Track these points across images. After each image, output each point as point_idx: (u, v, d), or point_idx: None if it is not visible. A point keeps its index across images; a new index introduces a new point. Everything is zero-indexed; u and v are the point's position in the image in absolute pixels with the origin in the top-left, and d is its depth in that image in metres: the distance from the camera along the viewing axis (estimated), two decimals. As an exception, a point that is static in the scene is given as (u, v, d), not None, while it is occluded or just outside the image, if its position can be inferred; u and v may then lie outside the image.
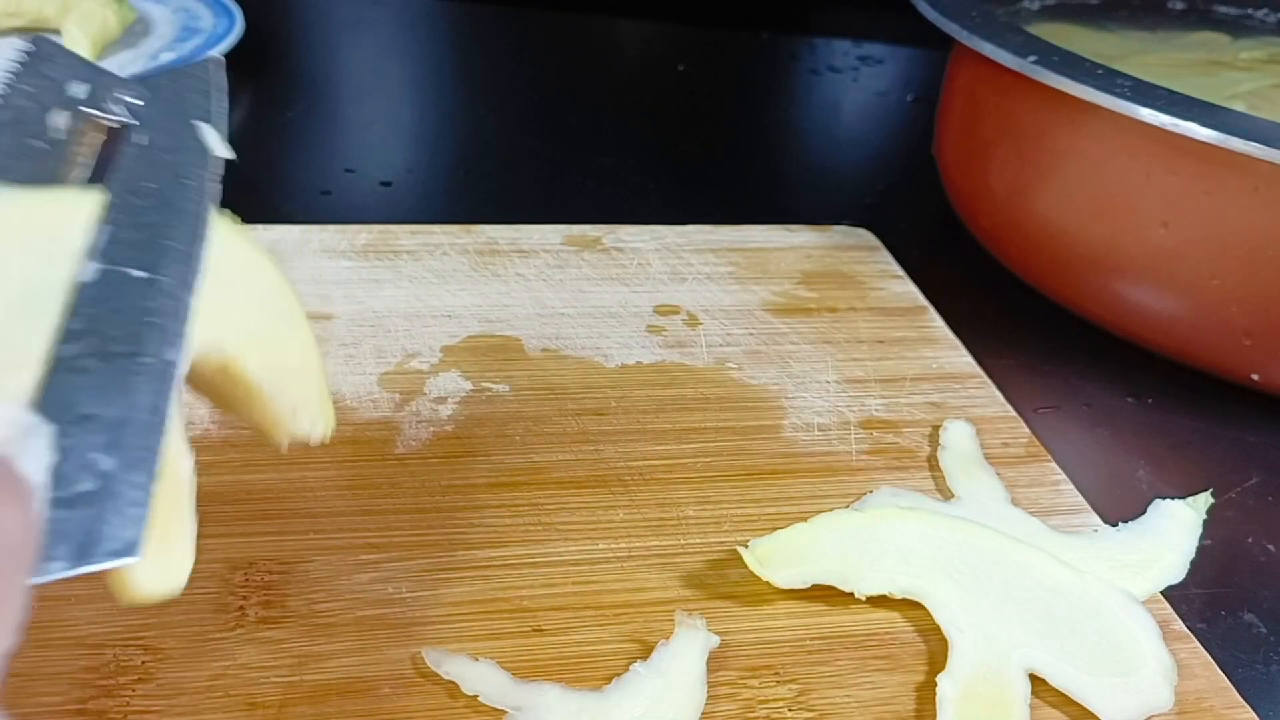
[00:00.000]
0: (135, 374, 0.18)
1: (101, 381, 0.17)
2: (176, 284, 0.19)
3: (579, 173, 0.61)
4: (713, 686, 0.27)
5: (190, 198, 0.21)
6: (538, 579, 0.30)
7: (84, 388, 0.17)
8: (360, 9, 0.86)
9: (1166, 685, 0.28)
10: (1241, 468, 0.41)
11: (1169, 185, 0.40)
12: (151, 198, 0.21)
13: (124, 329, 0.18)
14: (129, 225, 0.20)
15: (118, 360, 0.18)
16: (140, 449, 0.17)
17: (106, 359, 0.18)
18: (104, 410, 0.17)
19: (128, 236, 0.19)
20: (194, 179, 0.22)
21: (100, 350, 0.18)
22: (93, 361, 0.17)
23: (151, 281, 0.19)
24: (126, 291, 0.19)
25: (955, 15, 0.46)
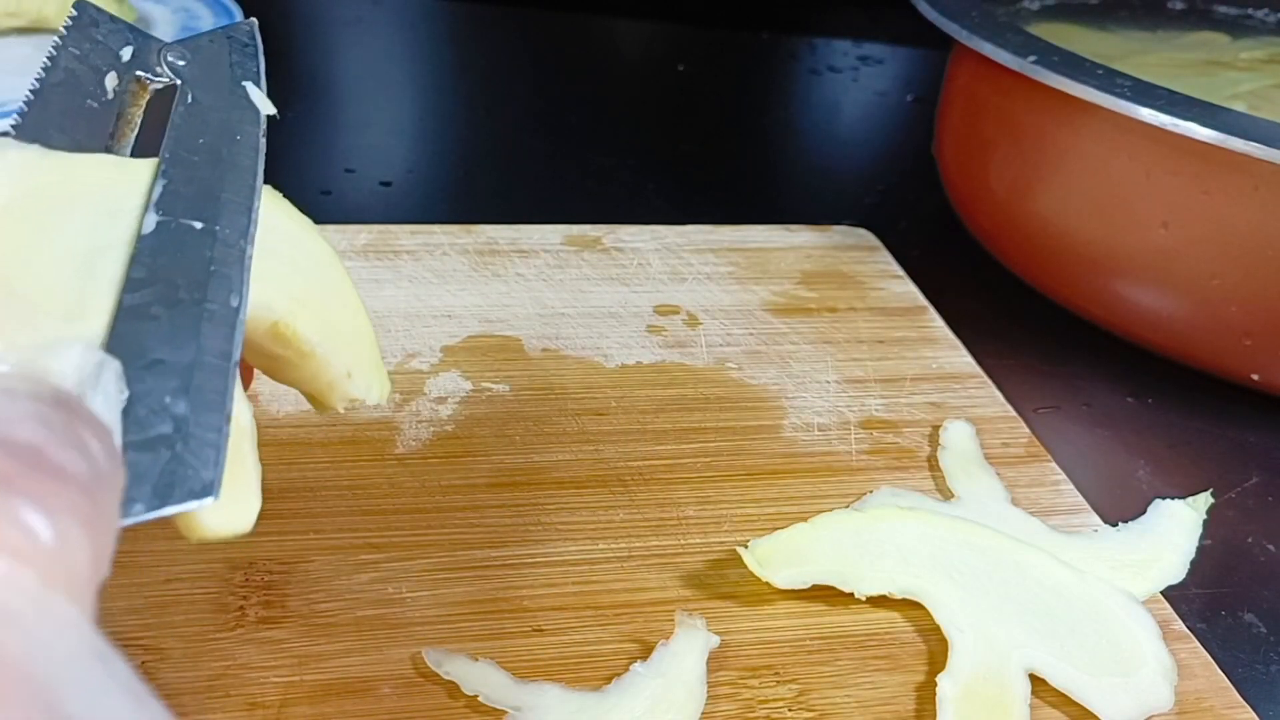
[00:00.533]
0: (201, 319, 0.18)
1: (169, 327, 0.18)
2: (234, 234, 0.20)
3: (579, 173, 0.61)
4: (713, 686, 0.27)
5: (241, 153, 0.22)
6: (538, 579, 0.30)
7: (152, 333, 0.17)
8: (360, 9, 0.86)
9: (1166, 685, 0.28)
10: (1241, 468, 0.41)
11: (1169, 185, 0.40)
12: (203, 153, 0.21)
13: (187, 277, 0.19)
14: (184, 179, 0.20)
15: (183, 306, 0.18)
16: (211, 392, 0.17)
17: (172, 305, 0.18)
18: (174, 355, 0.17)
19: (184, 190, 0.20)
20: (243, 135, 0.22)
21: (166, 297, 0.18)
22: (159, 308, 0.18)
23: (210, 232, 0.19)
24: (187, 241, 0.19)
25: (955, 15, 0.46)
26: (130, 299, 0.18)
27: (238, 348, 0.18)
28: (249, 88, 0.24)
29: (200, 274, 0.19)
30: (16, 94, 0.61)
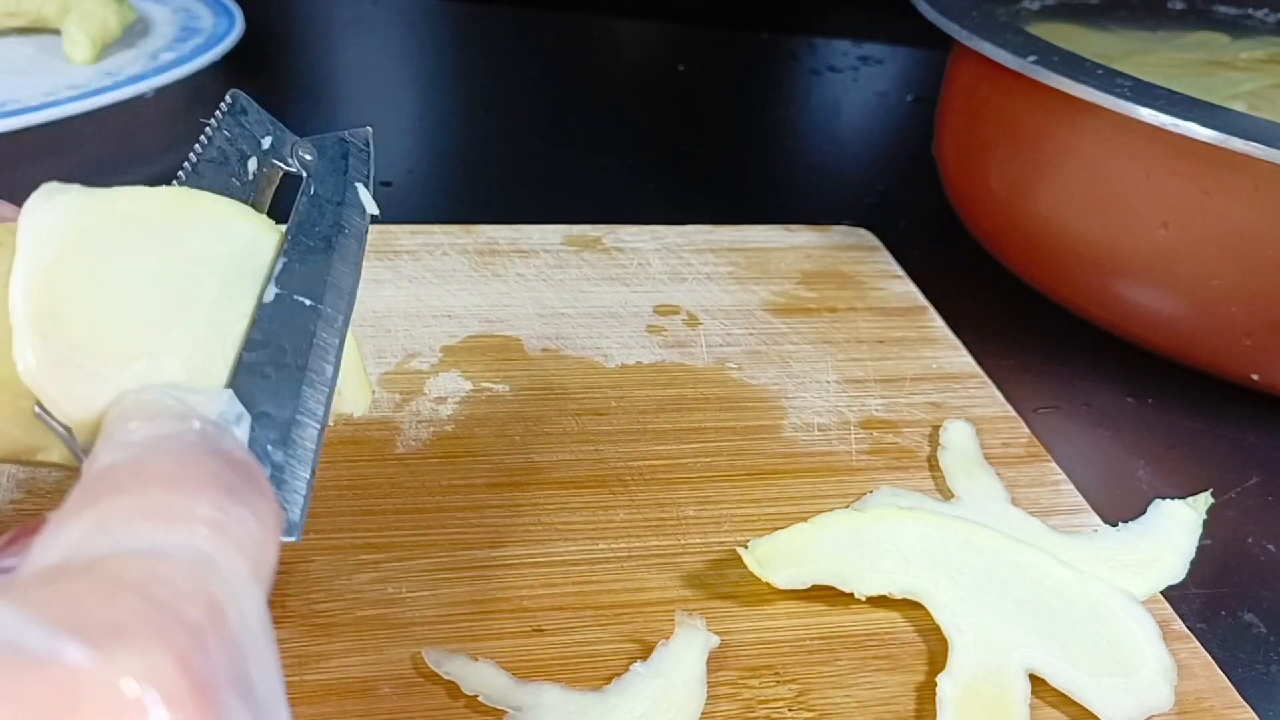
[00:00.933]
0: (302, 383, 0.21)
1: (276, 386, 0.21)
2: (335, 313, 0.23)
3: (579, 173, 0.61)
4: (713, 686, 0.27)
5: (347, 244, 0.25)
6: (538, 579, 0.30)
7: (263, 390, 0.20)
8: (360, 9, 0.86)
9: (1166, 685, 0.28)
10: (1241, 468, 0.41)
11: (1169, 185, 0.40)
12: (319, 239, 0.24)
13: (294, 345, 0.22)
14: (301, 260, 0.23)
15: (289, 370, 0.21)
16: (304, 446, 0.20)
17: (280, 368, 0.21)
18: (277, 410, 0.20)
19: (299, 269, 0.23)
20: (350, 229, 0.25)
21: (276, 360, 0.21)
22: (270, 369, 0.21)
23: (316, 309, 0.23)
24: (297, 314, 0.22)
25: (955, 15, 0.46)
26: (249, 357, 0.21)
27: (327, 410, 0.21)
28: (359, 188, 0.27)
29: (304, 344, 0.22)
30: (16, 94, 0.61)
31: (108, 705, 0.12)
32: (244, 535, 0.16)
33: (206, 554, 0.15)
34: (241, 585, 0.15)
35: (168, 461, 0.16)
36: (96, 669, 0.12)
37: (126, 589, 0.13)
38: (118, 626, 0.13)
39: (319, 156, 0.27)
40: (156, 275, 0.20)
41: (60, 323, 0.19)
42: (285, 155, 0.26)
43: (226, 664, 0.14)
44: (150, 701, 0.12)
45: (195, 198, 0.22)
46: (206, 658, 0.13)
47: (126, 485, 0.15)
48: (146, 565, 0.14)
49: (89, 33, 0.61)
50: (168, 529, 0.15)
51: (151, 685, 0.13)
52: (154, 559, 0.14)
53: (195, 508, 0.15)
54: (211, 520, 0.15)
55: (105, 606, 0.13)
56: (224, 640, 0.14)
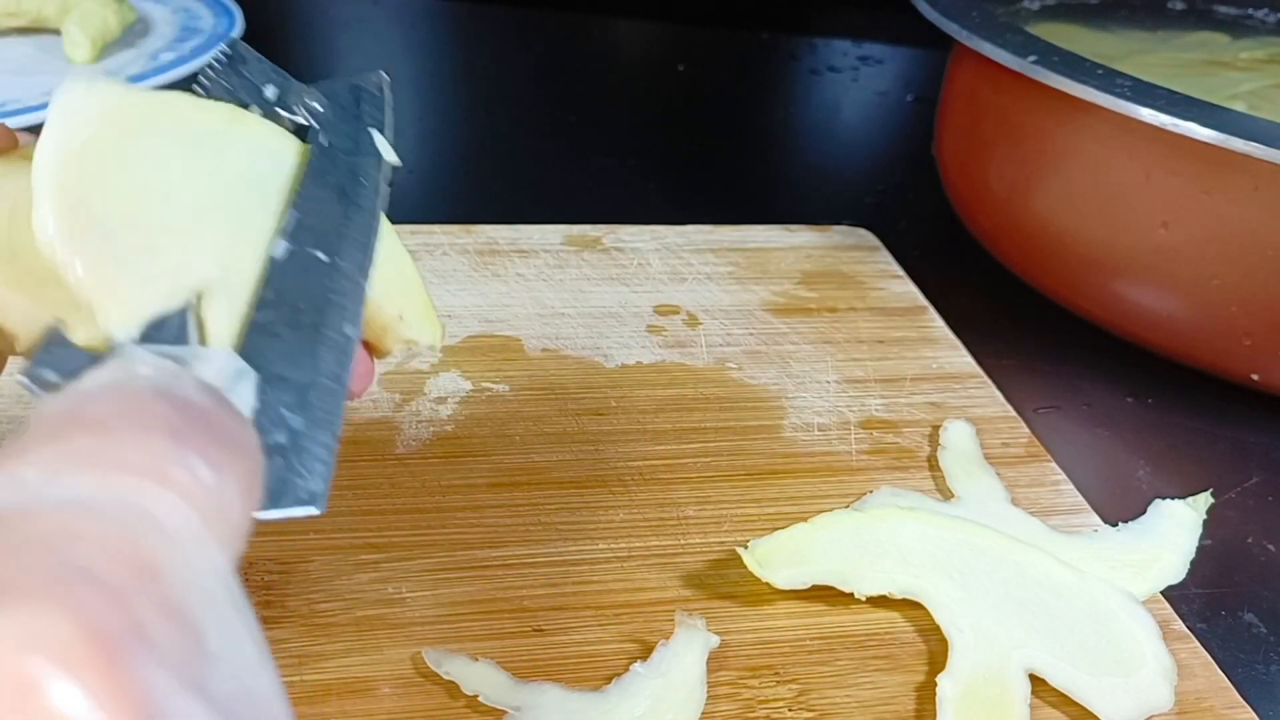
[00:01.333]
0: (319, 343, 0.20)
1: (291, 347, 0.19)
2: (353, 268, 0.21)
3: (579, 173, 0.61)
4: (713, 686, 0.27)
5: (365, 195, 0.23)
6: (538, 579, 0.30)
7: (276, 350, 0.19)
8: (360, 9, 0.86)
9: (1166, 685, 0.28)
10: (1241, 468, 0.41)
11: (1169, 185, 0.40)
12: (333, 191, 0.23)
13: (310, 303, 0.20)
14: (313, 214, 0.22)
15: (304, 330, 0.20)
16: (324, 410, 0.19)
17: (295, 328, 0.20)
18: (293, 373, 0.19)
19: (312, 223, 0.21)
20: (368, 179, 0.24)
21: (290, 320, 0.20)
22: (284, 329, 0.19)
23: (333, 265, 0.21)
24: (311, 271, 0.21)
25: (955, 15, 0.46)
26: (260, 316, 0.19)
27: (349, 372, 0.20)
28: (375, 135, 0.26)
29: (321, 302, 0.20)
30: (16, 94, 0.61)
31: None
32: (194, 487, 0.14)
33: (140, 507, 0.13)
34: (191, 544, 0.13)
35: (105, 405, 0.14)
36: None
37: (32, 544, 0.12)
38: (7, 585, 0.11)
39: (329, 104, 0.25)
40: (191, 175, 0.20)
41: (87, 202, 0.18)
42: (291, 105, 0.25)
43: (162, 631, 0.12)
44: (36, 669, 0.10)
45: (249, 117, 0.21)
46: (124, 620, 0.11)
47: (54, 433, 0.14)
48: (61, 519, 0.12)
49: (89, 33, 0.61)
50: (96, 479, 0.13)
51: (39, 650, 0.11)
52: (73, 511, 0.12)
53: (129, 455, 0.13)
54: (149, 469, 0.13)
55: (7, 562, 0.11)
56: (158, 605, 0.12)
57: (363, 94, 0.27)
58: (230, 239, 0.20)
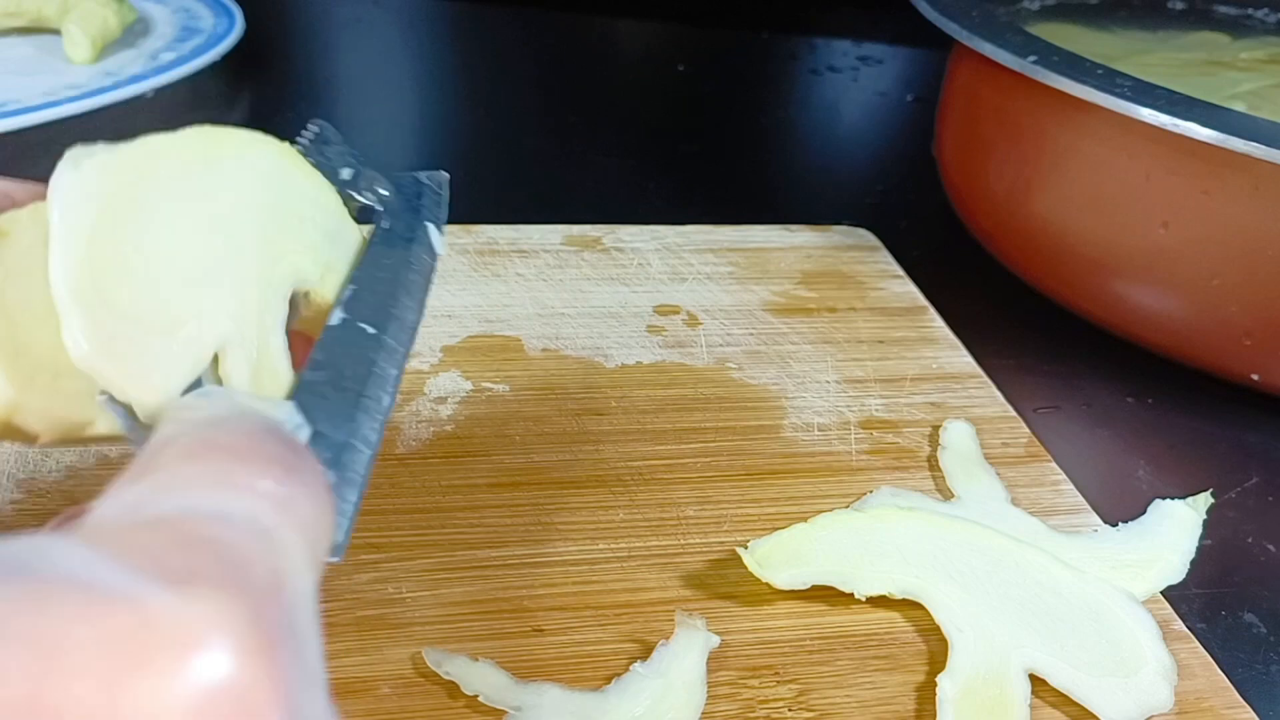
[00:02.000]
0: (359, 409, 0.21)
1: (334, 408, 0.20)
2: (397, 344, 0.23)
3: (579, 173, 0.61)
4: (713, 686, 0.27)
5: (414, 280, 0.25)
6: (538, 579, 0.30)
7: (321, 410, 0.20)
8: (360, 9, 0.86)
9: (1166, 685, 0.28)
10: (1241, 468, 0.41)
11: (1169, 185, 0.40)
12: (386, 272, 0.24)
13: (354, 370, 0.21)
14: (368, 289, 0.23)
15: (348, 394, 0.21)
16: (353, 470, 0.20)
17: (339, 390, 0.21)
18: (333, 432, 0.20)
19: (366, 298, 0.23)
20: (418, 266, 0.25)
21: (335, 383, 0.21)
22: (329, 390, 0.21)
23: (379, 338, 0.22)
24: (360, 341, 0.22)
25: (955, 15, 0.46)
26: (310, 376, 0.21)
27: (379, 438, 0.21)
28: (430, 228, 0.27)
29: (364, 371, 0.21)
30: (16, 94, 0.61)
31: (180, 648, 0.12)
32: (302, 518, 0.15)
33: (267, 528, 0.14)
34: (298, 566, 0.15)
35: (233, 435, 0.16)
36: (174, 610, 0.12)
37: (198, 541, 0.13)
38: (194, 573, 0.13)
39: (394, 192, 0.27)
40: (194, 228, 0.20)
41: (105, 298, 0.18)
42: (361, 189, 0.26)
43: (289, 633, 0.14)
44: (223, 648, 0.12)
45: (221, 136, 0.21)
46: (273, 618, 0.13)
47: (191, 453, 0.15)
48: (214, 525, 0.14)
49: (89, 33, 0.61)
50: (233, 497, 0.15)
51: (226, 632, 0.12)
52: (221, 521, 0.14)
53: (259, 481, 0.15)
54: (274, 495, 0.15)
55: (179, 554, 0.13)
56: (284, 609, 0.14)
57: (424, 189, 0.29)
58: (237, 282, 0.20)
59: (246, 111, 0.64)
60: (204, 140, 0.21)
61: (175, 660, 0.12)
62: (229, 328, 0.20)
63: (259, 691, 0.12)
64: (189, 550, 0.13)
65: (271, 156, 0.22)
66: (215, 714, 0.12)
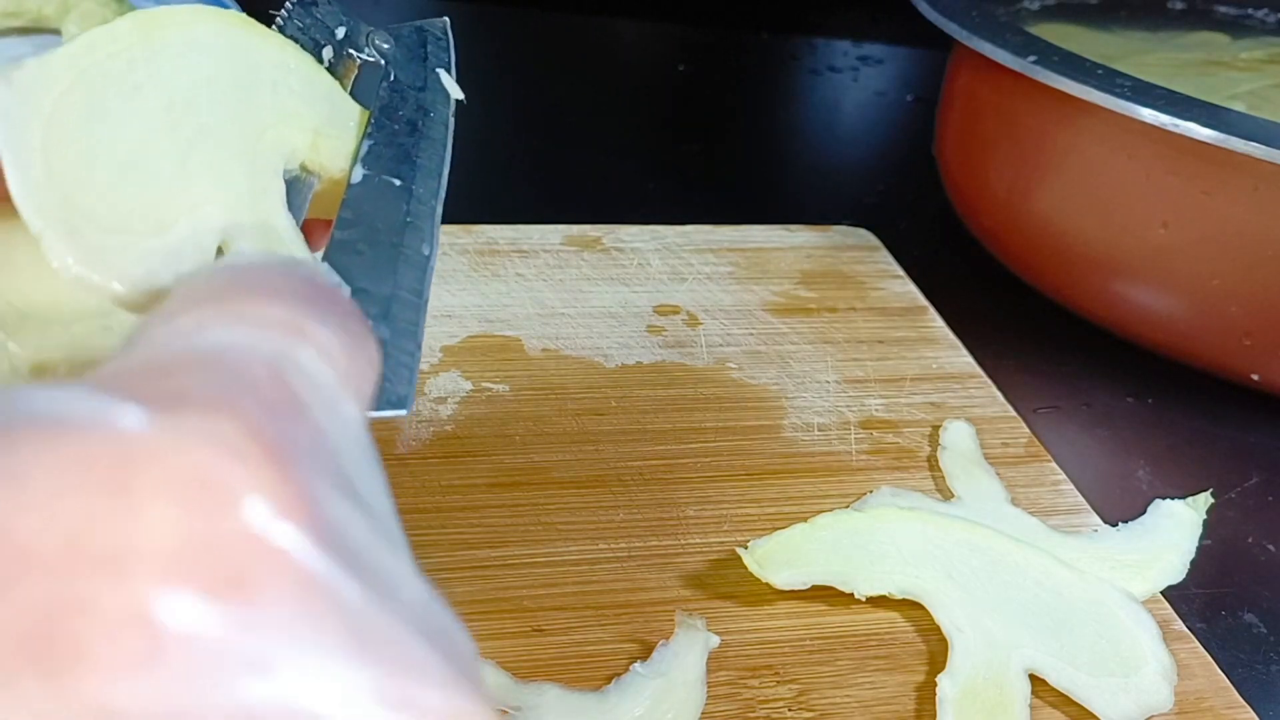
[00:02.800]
0: (398, 260, 0.20)
1: (372, 263, 0.20)
2: (427, 194, 0.22)
3: (579, 173, 0.61)
4: (713, 686, 0.27)
5: (433, 127, 0.25)
6: (538, 579, 0.30)
7: (359, 266, 0.20)
8: (360, 9, 0.85)
9: (1166, 685, 0.28)
10: (1241, 468, 0.41)
11: (1169, 185, 0.40)
12: (402, 124, 0.24)
13: (387, 224, 0.21)
14: (386, 143, 0.23)
15: (384, 248, 0.20)
16: (406, 321, 0.19)
17: (374, 245, 0.20)
18: (375, 287, 0.19)
19: (385, 152, 0.23)
20: (435, 113, 0.25)
21: (369, 238, 0.20)
22: (364, 246, 0.20)
23: (407, 189, 0.22)
24: (387, 194, 0.22)
25: (955, 15, 0.46)
26: (340, 235, 0.20)
27: (427, 288, 0.20)
28: (441, 74, 0.27)
29: (398, 223, 0.21)
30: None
31: (166, 474, 0.11)
32: (331, 347, 0.14)
33: (287, 354, 0.13)
34: (329, 391, 0.14)
35: (249, 275, 0.15)
36: (151, 434, 0.11)
37: (192, 364, 0.12)
38: (179, 394, 0.12)
39: (396, 45, 0.26)
40: (152, 121, 0.19)
41: (81, 212, 0.17)
42: (361, 44, 0.26)
43: (312, 449, 0.12)
44: (215, 464, 0.11)
45: (158, 17, 0.20)
46: (285, 432, 0.12)
47: (203, 296, 0.14)
48: (223, 356, 0.13)
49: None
50: (249, 330, 0.13)
51: (217, 447, 0.11)
52: (233, 351, 0.13)
53: (276, 312, 0.14)
54: (292, 326, 0.14)
55: (166, 378, 0.12)
56: (309, 428, 0.13)
57: (428, 36, 0.28)
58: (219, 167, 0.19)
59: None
60: (141, 25, 0.19)
61: (157, 486, 0.11)
62: (225, 217, 0.19)
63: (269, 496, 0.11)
64: (179, 372, 0.12)
65: (221, 28, 0.20)
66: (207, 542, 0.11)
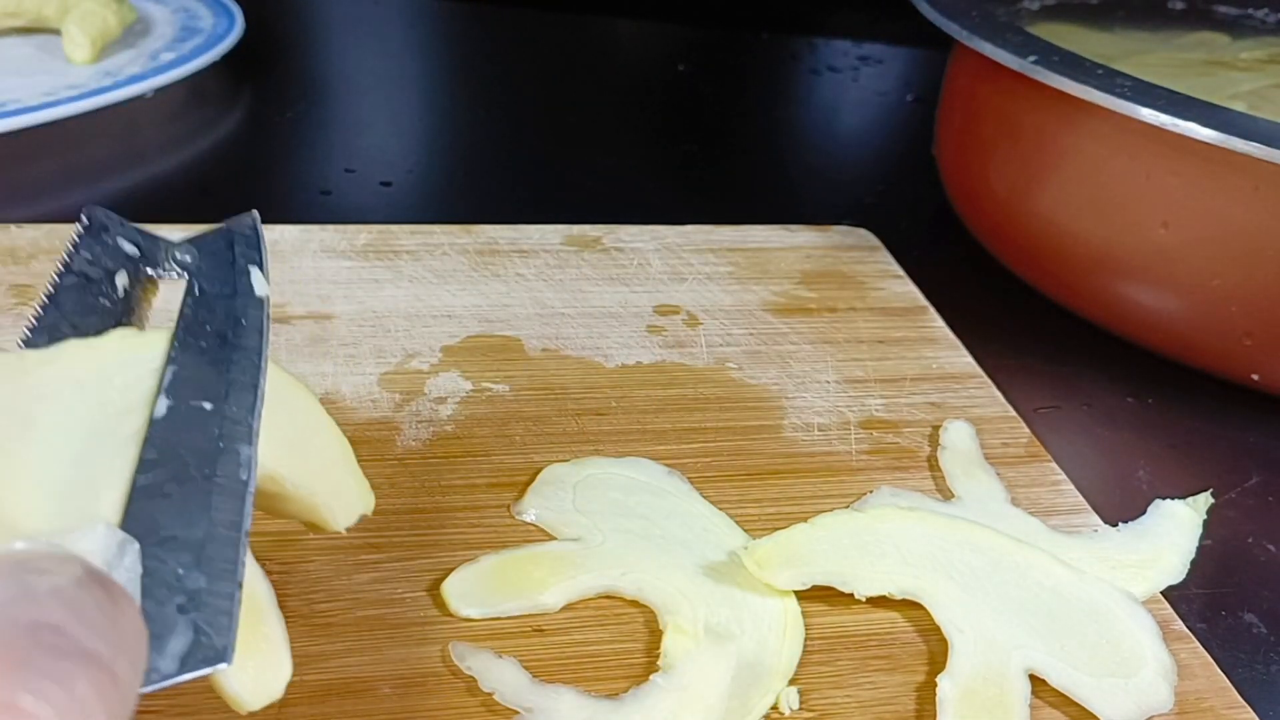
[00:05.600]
0: (212, 493, 0.19)
1: (181, 504, 0.19)
2: (242, 411, 0.21)
3: (579, 173, 0.61)
4: (713, 686, 0.27)
5: (246, 335, 0.24)
6: (538, 579, 0.30)
7: (165, 511, 0.19)
8: (360, 9, 0.86)
9: (1166, 685, 0.28)
10: (1241, 468, 0.41)
11: (1169, 185, 0.40)
12: (211, 339, 0.23)
13: (198, 454, 0.20)
14: (193, 364, 0.22)
15: (194, 483, 0.19)
16: (223, 562, 0.18)
17: (184, 482, 0.19)
18: (186, 531, 0.19)
19: (193, 375, 0.22)
20: (247, 319, 0.24)
21: (177, 475, 0.19)
22: (171, 486, 0.19)
23: (219, 411, 0.21)
24: (196, 422, 0.21)
25: (955, 15, 0.46)
26: (143, 479, 0.19)
27: (248, 517, 0.19)
28: (253, 272, 0.25)
29: (210, 451, 0.20)
30: (17, 94, 0.61)
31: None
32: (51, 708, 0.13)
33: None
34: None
35: None
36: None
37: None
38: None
39: (199, 255, 0.26)
40: None
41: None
42: (160, 262, 0.25)
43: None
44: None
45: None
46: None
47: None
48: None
49: (89, 33, 0.61)
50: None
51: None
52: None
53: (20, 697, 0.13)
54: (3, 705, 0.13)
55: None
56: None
57: (235, 237, 0.27)
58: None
59: (246, 112, 0.64)
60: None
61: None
62: None
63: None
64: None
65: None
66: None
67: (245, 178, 0.56)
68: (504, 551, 0.30)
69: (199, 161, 0.58)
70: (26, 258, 0.41)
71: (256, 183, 0.56)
